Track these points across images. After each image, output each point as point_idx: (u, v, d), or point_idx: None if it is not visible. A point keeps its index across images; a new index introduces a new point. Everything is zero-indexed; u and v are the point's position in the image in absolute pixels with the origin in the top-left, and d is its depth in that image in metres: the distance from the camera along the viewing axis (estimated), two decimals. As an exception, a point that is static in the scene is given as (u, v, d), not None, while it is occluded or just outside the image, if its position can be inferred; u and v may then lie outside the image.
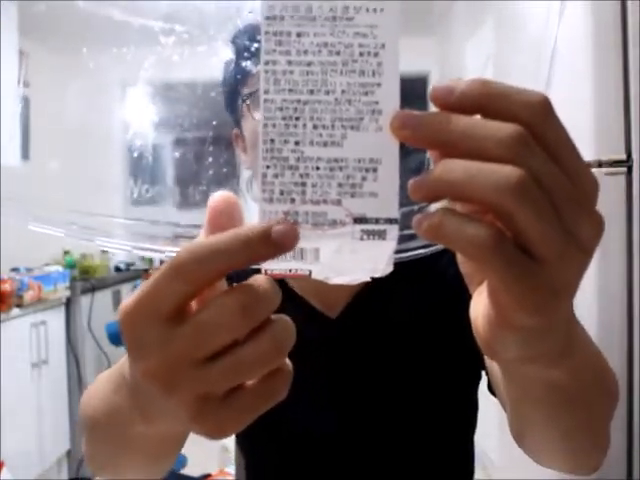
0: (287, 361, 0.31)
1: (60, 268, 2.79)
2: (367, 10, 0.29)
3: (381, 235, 0.29)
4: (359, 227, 0.29)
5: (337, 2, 0.29)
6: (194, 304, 0.29)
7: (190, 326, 0.27)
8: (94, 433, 0.47)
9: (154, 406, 0.31)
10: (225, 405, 0.29)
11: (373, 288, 0.75)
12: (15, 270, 2.61)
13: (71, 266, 2.95)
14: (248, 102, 0.59)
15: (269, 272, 0.30)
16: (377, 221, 0.29)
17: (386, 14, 0.29)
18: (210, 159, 0.53)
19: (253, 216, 0.30)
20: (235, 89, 0.61)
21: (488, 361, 0.60)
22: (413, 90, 0.30)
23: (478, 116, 0.27)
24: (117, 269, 3.45)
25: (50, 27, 0.54)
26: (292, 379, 0.31)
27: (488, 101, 0.27)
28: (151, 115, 0.54)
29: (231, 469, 2.19)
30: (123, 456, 0.44)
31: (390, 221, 0.29)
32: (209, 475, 2.42)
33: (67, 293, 2.72)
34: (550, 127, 0.27)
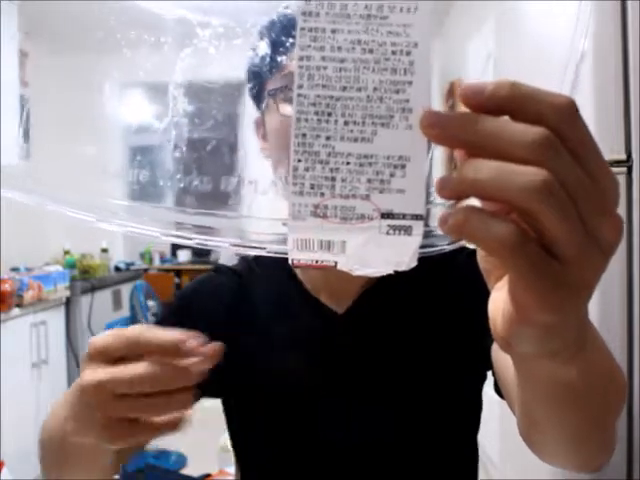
0: (186, 412, 0.45)
1: (60, 268, 2.79)
2: (401, 9, 0.29)
3: (407, 230, 0.30)
4: (386, 222, 0.30)
5: (372, 1, 0.29)
6: None
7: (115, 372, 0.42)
8: (47, 443, 0.57)
9: (84, 418, 0.46)
10: (126, 426, 0.44)
11: (382, 286, 0.76)
12: (15, 270, 2.61)
13: (71, 266, 2.95)
14: (276, 96, 0.60)
15: (296, 261, 0.31)
16: (404, 217, 0.30)
17: (419, 14, 0.29)
18: (211, 157, 0.53)
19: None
20: (262, 79, 0.61)
21: (495, 361, 0.60)
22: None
23: (506, 117, 0.27)
24: (117, 269, 3.45)
25: (51, 27, 0.54)
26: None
27: (516, 103, 0.27)
28: (153, 113, 0.54)
29: (231, 469, 2.19)
30: (65, 462, 0.55)
31: (416, 217, 0.30)
32: (209, 475, 2.42)
33: (67, 293, 2.72)
34: (576, 130, 0.27)
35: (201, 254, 4.71)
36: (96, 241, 3.36)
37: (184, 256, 4.86)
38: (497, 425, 1.71)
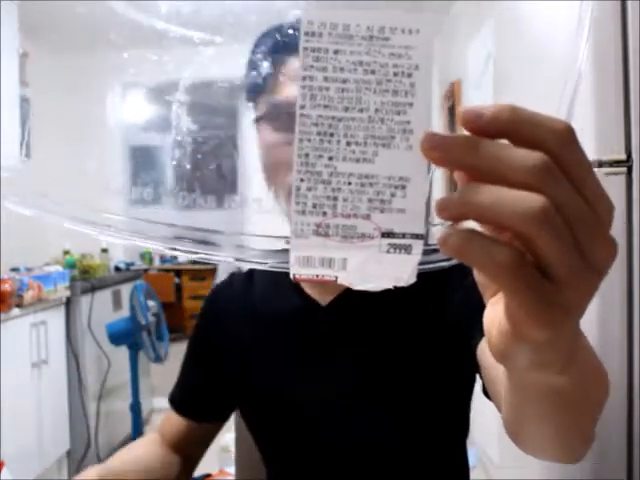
0: None
1: (60, 268, 2.78)
2: (403, 31, 0.30)
3: (407, 249, 0.30)
4: (386, 241, 0.30)
5: (374, 22, 0.30)
6: None
7: None
8: None
9: None
10: None
11: None
12: (15, 270, 2.61)
13: (71, 266, 2.95)
14: (260, 121, 0.62)
15: (297, 276, 0.31)
16: (404, 236, 0.30)
17: (421, 36, 0.30)
18: (211, 163, 0.54)
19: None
20: (259, 89, 0.62)
21: (481, 361, 0.61)
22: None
23: (506, 141, 0.28)
24: (117, 269, 3.45)
25: (51, 27, 0.54)
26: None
27: (515, 127, 0.28)
28: (151, 116, 0.54)
29: (231, 469, 2.19)
30: None
31: (416, 236, 0.30)
32: (209, 475, 2.42)
33: (67, 293, 2.72)
34: (574, 155, 0.28)
35: (201, 254, 4.72)
36: (96, 241, 3.35)
37: (184, 256, 4.86)
38: (497, 425, 1.71)
